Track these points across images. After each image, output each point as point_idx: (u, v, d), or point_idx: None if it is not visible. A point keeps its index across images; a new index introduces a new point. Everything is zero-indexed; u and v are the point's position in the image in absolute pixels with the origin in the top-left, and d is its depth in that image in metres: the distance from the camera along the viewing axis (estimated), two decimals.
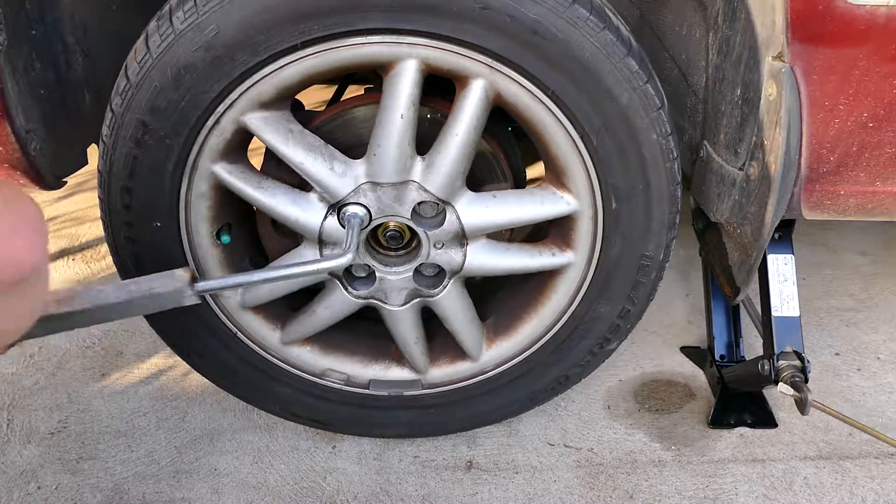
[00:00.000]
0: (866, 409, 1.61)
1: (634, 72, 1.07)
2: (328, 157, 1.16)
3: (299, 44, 1.03)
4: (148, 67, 1.05)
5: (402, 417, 1.45)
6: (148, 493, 1.40)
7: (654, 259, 1.25)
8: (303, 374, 1.40)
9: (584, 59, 1.05)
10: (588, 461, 1.47)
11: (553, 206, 1.21)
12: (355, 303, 1.31)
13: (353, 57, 1.06)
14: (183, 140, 1.11)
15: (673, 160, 1.15)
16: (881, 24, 0.98)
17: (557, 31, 1.03)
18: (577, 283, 1.29)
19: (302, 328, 1.35)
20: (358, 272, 1.29)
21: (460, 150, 1.14)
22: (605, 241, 1.23)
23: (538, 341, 1.36)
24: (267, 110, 1.12)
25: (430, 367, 1.40)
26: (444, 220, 1.21)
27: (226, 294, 1.28)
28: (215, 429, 1.55)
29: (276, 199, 1.19)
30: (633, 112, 1.10)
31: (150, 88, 1.06)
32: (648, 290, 1.29)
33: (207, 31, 1.02)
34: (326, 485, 1.42)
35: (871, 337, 1.83)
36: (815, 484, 1.42)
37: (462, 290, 1.31)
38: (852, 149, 1.10)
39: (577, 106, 1.09)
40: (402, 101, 1.09)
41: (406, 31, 1.03)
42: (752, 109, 1.10)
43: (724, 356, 1.66)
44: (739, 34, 1.11)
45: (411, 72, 1.07)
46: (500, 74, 1.07)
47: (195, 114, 1.09)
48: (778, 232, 1.35)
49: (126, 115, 1.09)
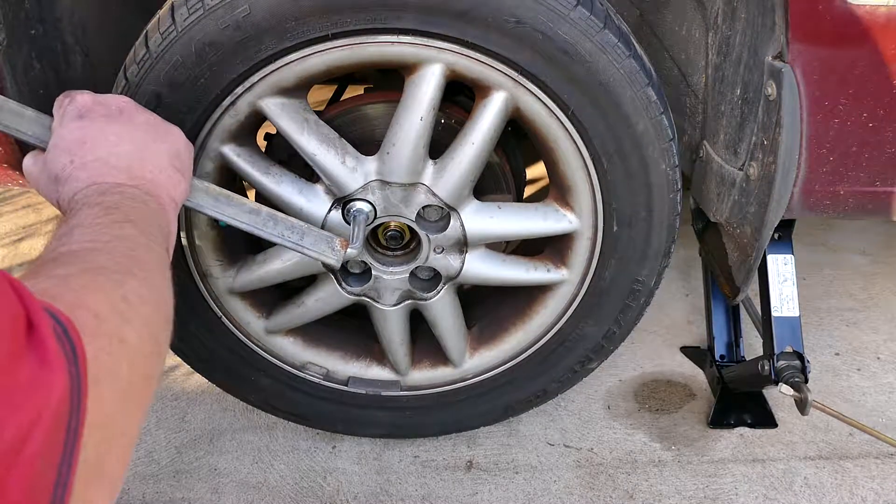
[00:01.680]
0: (866, 409, 1.61)
1: (653, 101, 1.08)
2: (341, 150, 1.15)
3: (330, 35, 1.02)
4: (172, 39, 1.03)
5: (378, 417, 1.45)
6: (148, 493, 1.40)
7: (645, 285, 1.26)
8: (284, 365, 1.38)
9: (608, 84, 1.06)
10: (588, 461, 1.47)
11: (555, 223, 1.22)
12: (347, 298, 1.30)
13: (380, 54, 1.06)
14: (196, 117, 1.09)
15: (676, 191, 1.17)
16: (881, 24, 0.98)
17: (586, 53, 1.04)
18: (568, 300, 1.30)
19: (289, 318, 1.34)
20: (353, 268, 1.29)
21: (474, 158, 1.14)
22: (601, 263, 1.24)
23: (522, 354, 1.36)
24: (285, 97, 1.11)
25: (411, 370, 1.40)
26: (447, 225, 1.20)
27: (215, 276, 1.27)
28: (215, 429, 1.55)
29: (282, 187, 1.17)
30: (646, 140, 1.11)
31: (171, 62, 1.04)
32: (635, 315, 1.31)
33: (239, 10, 1.00)
34: (326, 485, 1.42)
35: (871, 337, 1.83)
36: (815, 484, 1.42)
37: (454, 297, 1.31)
38: (852, 149, 1.10)
39: (594, 128, 1.10)
40: (423, 104, 1.09)
41: (437, 35, 1.03)
42: (752, 109, 1.10)
43: (724, 356, 1.66)
44: (739, 34, 1.11)
45: (436, 76, 1.07)
46: (523, 89, 1.08)
47: (213, 92, 1.07)
48: (778, 232, 1.35)
49: (142, 86, 1.06)
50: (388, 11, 1.01)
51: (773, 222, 1.13)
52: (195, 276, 1.26)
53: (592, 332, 1.32)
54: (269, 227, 1.04)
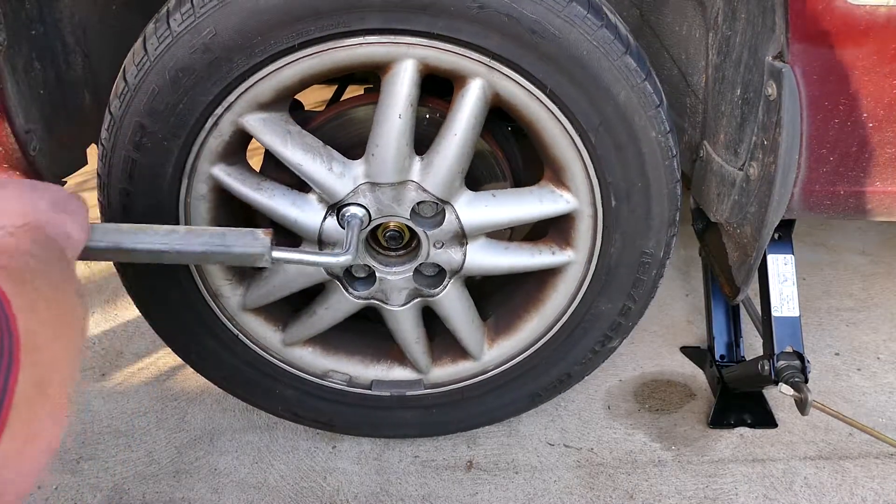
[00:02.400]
0: (866, 409, 1.61)
1: (632, 69, 1.07)
2: (327, 157, 1.16)
3: (296, 45, 1.03)
4: (146, 70, 1.05)
5: (405, 418, 1.45)
6: (148, 493, 1.40)
7: (654, 256, 1.24)
8: (305, 375, 1.40)
9: (582, 58, 1.05)
10: (588, 461, 1.47)
11: (552, 205, 1.21)
12: (356, 303, 1.31)
13: (350, 57, 1.06)
14: (181, 142, 1.11)
15: (672, 157, 1.15)
16: (881, 24, 0.98)
17: (555, 29, 1.03)
18: (578, 281, 1.29)
19: (303, 329, 1.35)
20: (358, 272, 1.29)
21: (459, 149, 1.14)
22: (605, 239, 1.23)
23: (540, 340, 1.36)
24: (265, 111, 1.12)
25: (432, 367, 1.40)
26: (443, 219, 1.20)
27: (226, 294, 1.28)
28: (215, 429, 1.55)
29: (275, 200, 1.19)
30: (631, 110, 1.09)
31: (149, 91, 1.06)
32: (650, 288, 1.28)
33: (204, 33, 1.02)
34: (326, 485, 1.42)
35: (871, 337, 1.83)
36: (815, 484, 1.42)
37: (462, 290, 1.31)
38: (852, 149, 1.10)
39: (575, 104, 1.09)
40: (399, 101, 1.09)
41: (403, 31, 1.03)
42: (752, 109, 1.10)
43: (724, 356, 1.66)
44: (739, 34, 1.11)
45: (409, 72, 1.07)
46: (497, 73, 1.07)
47: (193, 116, 1.09)
48: (778, 232, 1.35)
49: (124, 119, 1.09)
50: (349, 14, 1.01)
51: (774, 222, 1.12)
52: (207, 297, 1.28)
53: (608, 310, 1.31)
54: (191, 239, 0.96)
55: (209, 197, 1.19)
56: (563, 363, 1.38)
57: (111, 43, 1.31)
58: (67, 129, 1.24)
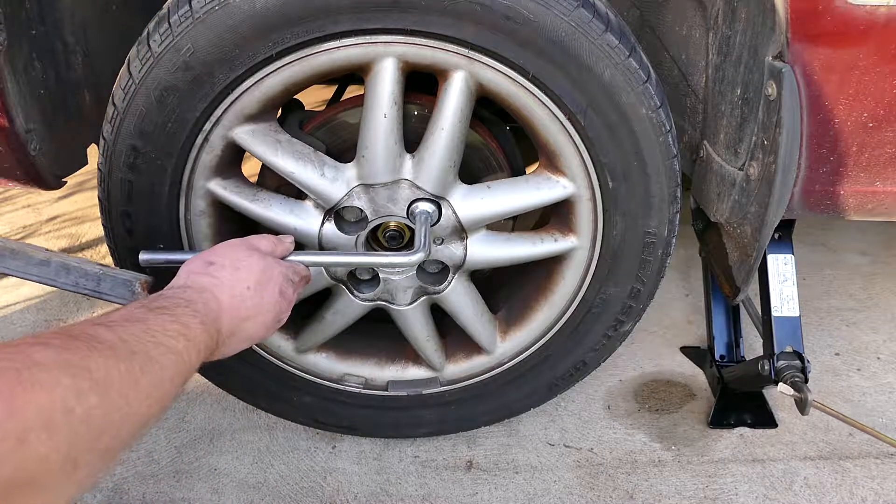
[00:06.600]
0: (866, 409, 1.61)
1: (615, 47, 1.05)
2: (318, 163, 1.16)
3: (274, 55, 1.04)
4: (132, 93, 1.06)
5: (424, 416, 1.45)
6: (148, 493, 1.40)
7: (658, 235, 1.22)
8: (321, 380, 1.41)
9: (560, 40, 1.04)
10: (588, 461, 1.47)
11: (549, 191, 1.21)
12: (363, 306, 1.31)
13: (331, 62, 1.06)
14: (175, 161, 1.12)
15: (666, 133, 1.13)
16: (881, 24, 0.98)
17: (530, 13, 1.02)
18: (584, 266, 1.28)
19: (315, 335, 1.35)
20: (362, 275, 1.29)
21: (448, 143, 1.14)
22: (606, 222, 1.22)
23: (552, 329, 1.35)
24: (253, 123, 1.12)
25: (446, 364, 1.41)
26: (440, 215, 1.20)
27: None
28: (215, 429, 1.55)
29: (273, 209, 1.19)
30: (617, 88, 1.08)
31: (137, 113, 1.07)
32: (657, 268, 1.27)
33: (184, 50, 1.02)
34: (326, 485, 1.42)
35: (871, 337, 1.83)
36: (815, 484, 1.42)
37: (468, 285, 1.31)
38: (852, 149, 1.10)
39: (560, 87, 1.08)
40: (383, 101, 1.09)
41: (377, 31, 1.03)
42: (752, 109, 1.10)
43: (724, 356, 1.66)
44: (739, 34, 1.11)
45: (389, 70, 1.07)
46: (478, 64, 1.07)
47: (183, 134, 1.09)
48: (778, 232, 1.35)
49: (117, 142, 1.10)
50: (321, 19, 1.01)
51: (774, 222, 1.12)
52: None
53: (616, 294, 1.30)
54: (62, 277, 0.97)
55: (209, 212, 1.19)
56: (577, 351, 1.37)
57: (111, 43, 1.31)
58: (67, 129, 1.24)
